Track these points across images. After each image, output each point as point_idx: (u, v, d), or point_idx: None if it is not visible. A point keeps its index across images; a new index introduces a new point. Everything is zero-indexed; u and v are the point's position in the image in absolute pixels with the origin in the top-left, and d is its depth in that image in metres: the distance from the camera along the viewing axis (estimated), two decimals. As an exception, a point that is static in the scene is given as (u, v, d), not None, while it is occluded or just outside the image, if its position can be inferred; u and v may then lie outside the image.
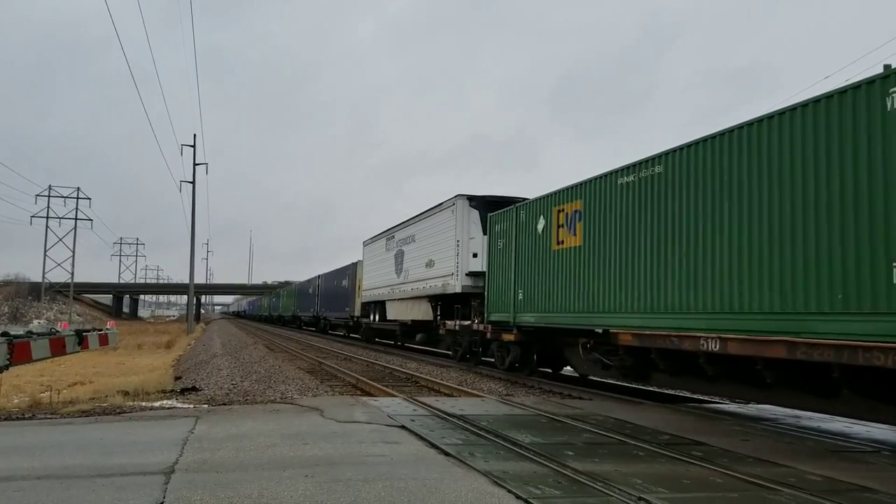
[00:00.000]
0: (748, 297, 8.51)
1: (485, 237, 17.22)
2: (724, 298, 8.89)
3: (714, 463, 6.41)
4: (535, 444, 7.19)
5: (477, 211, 18.23)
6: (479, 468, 5.97)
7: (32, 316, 75.82)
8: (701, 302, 9.31)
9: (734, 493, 5.39)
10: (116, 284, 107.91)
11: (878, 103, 6.99)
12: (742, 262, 8.63)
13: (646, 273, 10.54)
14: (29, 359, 23.05)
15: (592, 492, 5.32)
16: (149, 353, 31.37)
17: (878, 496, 5.44)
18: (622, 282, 11.14)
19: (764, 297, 8.28)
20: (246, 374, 15.90)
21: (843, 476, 6.06)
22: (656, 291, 10.28)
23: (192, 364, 21.92)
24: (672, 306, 9.92)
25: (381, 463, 6.16)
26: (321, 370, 17.93)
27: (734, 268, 8.75)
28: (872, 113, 7.05)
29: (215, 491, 5.11)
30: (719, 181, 9.08)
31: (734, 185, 8.82)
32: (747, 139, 8.65)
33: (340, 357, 22.44)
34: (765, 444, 7.60)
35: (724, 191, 9.00)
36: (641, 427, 8.52)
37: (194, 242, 46.12)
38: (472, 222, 18.27)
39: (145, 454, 6.40)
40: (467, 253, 18.12)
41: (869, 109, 7.08)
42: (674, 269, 9.91)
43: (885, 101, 6.91)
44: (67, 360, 25.92)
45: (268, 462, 6.11)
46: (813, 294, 7.60)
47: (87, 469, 5.82)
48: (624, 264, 11.11)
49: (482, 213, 17.87)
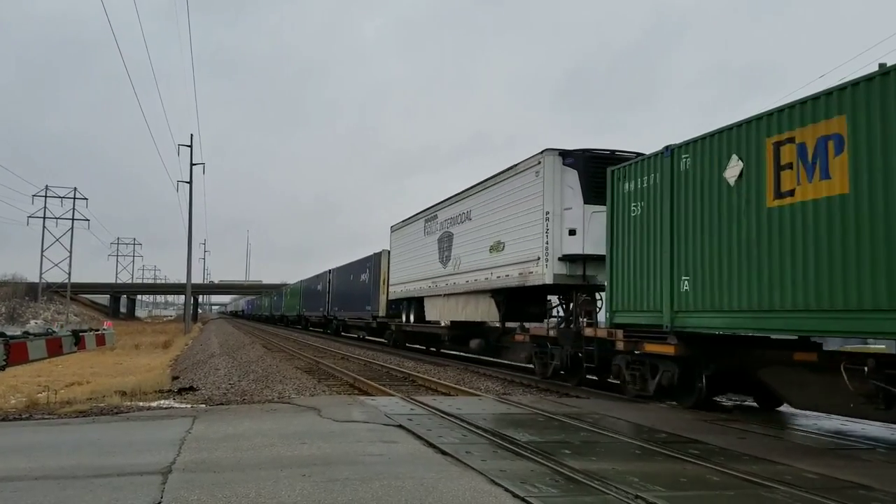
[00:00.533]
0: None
1: (587, 206, 13.26)
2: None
3: (710, 461, 6.43)
4: (533, 442, 7.20)
5: (574, 171, 13.51)
6: (477, 467, 5.97)
7: (30, 316, 75.65)
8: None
9: (731, 491, 5.41)
10: (113, 284, 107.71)
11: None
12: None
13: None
14: (26, 359, 23.04)
15: (590, 490, 5.33)
16: (146, 353, 31.33)
17: (873, 493, 5.46)
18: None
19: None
20: (243, 374, 15.89)
21: (838, 473, 6.08)
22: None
23: (190, 364, 21.89)
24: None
25: (378, 462, 6.17)
26: (318, 370, 17.92)
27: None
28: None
29: (213, 491, 5.11)
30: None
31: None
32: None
33: (339, 356, 22.44)
34: (761, 442, 7.62)
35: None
36: (638, 425, 8.55)
37: (191, 243, 46.11)
38: (568, 186, 13.52)
39: (142, 454, 6.39)
40: (560, 229, 13.50)
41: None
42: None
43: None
44: (65, 360, 25.89)
45: (265, 462, 6.11)
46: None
47: (84, 469, 5.81)
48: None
49: (583, 175, 13.42)
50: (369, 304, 29.45)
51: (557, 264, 13.49)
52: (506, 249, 15.39)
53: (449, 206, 19.63)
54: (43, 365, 23.46)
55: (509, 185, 15.42)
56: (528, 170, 14.52)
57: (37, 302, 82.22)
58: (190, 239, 45.75)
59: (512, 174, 15.33)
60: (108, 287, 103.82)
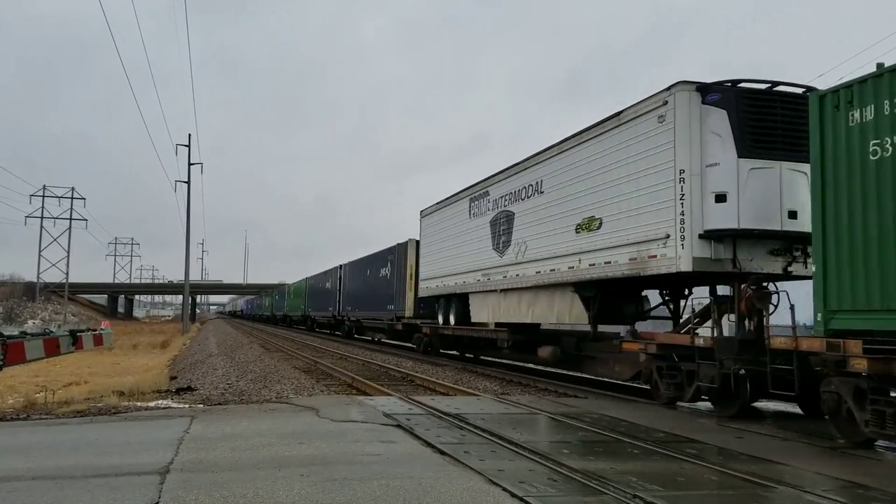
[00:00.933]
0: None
1: (743, 162, 9.54)
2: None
3: (708, 460, 6.44)
4: (531, 442, 7.20)
5: (721, 112, 9.74)
6: (475, 467, 5.97)
7: (27, 316, 75.55)
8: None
9: (729, 491, 5.42)
10: (111, 284, 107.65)
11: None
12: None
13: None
14: (23, 359, 23.02)
15: (588, 490, 5.33)
16: (144, 353, 31.31)
17: (871, 493, 5.47)
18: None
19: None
20: (241, 374, 15.87)
21: (837, 473, 6.09)
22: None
23: (188, 364, 21.86)
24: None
25: (376, 462, 6.17)
26: (317, 369, 17.91)
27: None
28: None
29: (211, 491, 5.10)
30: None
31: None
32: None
33: (337, 356, 22.43)
34: (759, 442, 7.63)
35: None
36: (636, 425, 8.55)
37: (189, 243, 46.06)
38: (713, 134, 9.80)
39: (140, 454, 6.39)
40: (701, 195, 9.83)
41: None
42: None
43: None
44: (62, 360, 25.86)
45: (263, 462, 6.11)
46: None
47: (82, 469, 5.80)
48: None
49: (736, 116, 9.65)
50: (392, 302, 25.64)
51: (698, 245, 9.79)
52: (603, 228, 11.76)
53: (506, 179, 15.95)
54: (40, 365, 23.44)
55: (611, 140, 11.60)
56: (644, 115, 10.72)
57: (34, 302, 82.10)
58: (188, 239, 45.76)
59: (615, 125, 11.48)
60: (106, 287, 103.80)
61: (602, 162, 11.83)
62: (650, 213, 10.54)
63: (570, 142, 12.99)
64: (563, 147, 13.24)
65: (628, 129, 11.17)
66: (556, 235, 13.28)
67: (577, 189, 12.63)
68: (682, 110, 10.04)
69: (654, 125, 10.53)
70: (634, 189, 10.91)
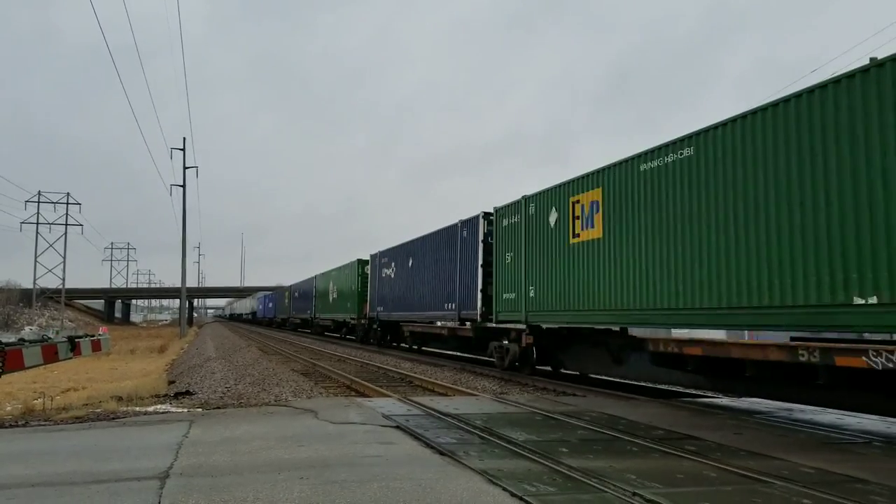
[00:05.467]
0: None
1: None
2: None
3: (707, 457, 6.46)
4: (530, 441, 7.22)
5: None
6: (474, 467, 5.98)
7: (24, 322, 75.31)
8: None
9: (728, 487, 5.43)
10: (108, 289, 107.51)
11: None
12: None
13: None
14: (21, 366, 22.91)
15: (587, 488, 5.34)
16: (142, 358, 31.24)
17: (869, 487, 5.49)
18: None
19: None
20: (240, 378, 15.86)
21: (835, 468, 6.11)
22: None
23: (186, 368, 21.83)
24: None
25: (376, 464, 6.17)
26: (315, 372, 17.90)
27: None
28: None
29: (210, 495, 5.10)
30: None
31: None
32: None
33: (334, 359, 22.41)
34: (757, 438, 7.66)
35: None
36: (635, 423, 8.57)
37: (185, 246, 45.94)
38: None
39: (140, 459, 6.38)
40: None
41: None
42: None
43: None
44: (60, 366, 25.78)
45: (263, 465, 6.11)
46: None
47: (81, 475, 5.79)
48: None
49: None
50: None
51: None
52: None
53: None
54: (38, 371, 23.36)
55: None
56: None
57: (31, 308, 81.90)
58: (184, 242, 45.62)
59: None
60: (103, 292, 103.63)
61: None
62: None
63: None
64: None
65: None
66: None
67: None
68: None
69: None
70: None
